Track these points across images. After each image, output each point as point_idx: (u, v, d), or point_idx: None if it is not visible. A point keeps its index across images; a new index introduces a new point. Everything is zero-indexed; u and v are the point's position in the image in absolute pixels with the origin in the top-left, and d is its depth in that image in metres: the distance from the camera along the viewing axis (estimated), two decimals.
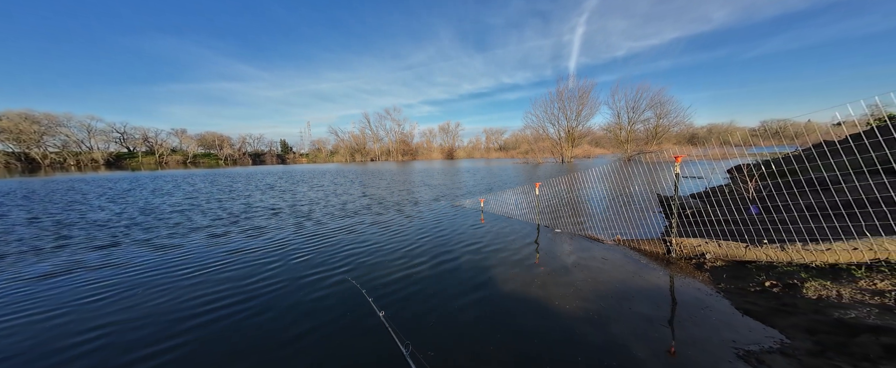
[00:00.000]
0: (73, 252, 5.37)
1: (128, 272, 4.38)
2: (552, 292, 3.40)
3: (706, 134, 56.72)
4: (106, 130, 67.55)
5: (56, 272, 4.39)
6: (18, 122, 54.34)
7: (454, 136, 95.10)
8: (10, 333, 2.86)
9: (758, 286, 3.18)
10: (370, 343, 2.56)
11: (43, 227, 7.39)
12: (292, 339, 2.64)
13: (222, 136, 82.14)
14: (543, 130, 44.99)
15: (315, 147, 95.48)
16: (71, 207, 10.36)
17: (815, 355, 2.14)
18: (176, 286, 3.85)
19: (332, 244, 5.57)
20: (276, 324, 2.89)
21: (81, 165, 59.06)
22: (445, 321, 2.88)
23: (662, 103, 40.35)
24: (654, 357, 2.27)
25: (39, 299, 3.57)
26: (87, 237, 6.44)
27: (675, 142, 42.49)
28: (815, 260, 3.33)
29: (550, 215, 7.16)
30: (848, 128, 8.19)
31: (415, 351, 2.13)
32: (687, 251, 4.20)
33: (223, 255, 5.03)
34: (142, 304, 3.38)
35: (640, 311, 2.92)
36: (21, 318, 3.12)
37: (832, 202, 4.20)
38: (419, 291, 3.54)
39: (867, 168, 3.65)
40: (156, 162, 68.51)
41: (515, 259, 4.50)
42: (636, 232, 5.49)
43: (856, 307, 2.54)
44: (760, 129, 34.77)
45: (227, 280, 3.97)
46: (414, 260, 4.58)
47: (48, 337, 2.78)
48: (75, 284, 3.98)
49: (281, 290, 3.65)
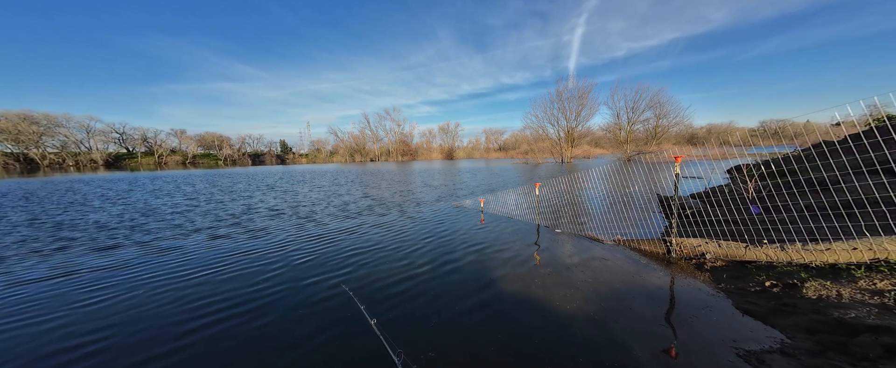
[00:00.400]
0: (72, 255, 5.36)
1: (127, 274, 4.38)
2: (553, 292, 3.40)
3: (706, 134, 56.79)
4: (105, 130, 67.54)
5: (53, 276, 4.38)
6: (17, 122, 54.24)
7: (454, 136, 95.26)
8: (8, 337, 2.86)
9: (758, 286, 3.19)
10: (368, 349, 2.51)
11: (42, 229, 7.38)
12: (290, 345, 2.61)
13: (222, 136, 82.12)
14: (543, 130, 45.05)
15: (314, 148, 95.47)
16: (71, 208, 10.35)
17: (815, 355, 2.14)
18: (176, 288, 3.85)
19: (334, 245, 5.57)
20: (273, 329, 2.87)
21: (80, 165, 58.97)
22: (447, 322, 2.89)
23: (662, 104, 40.44)
24: (654, 357, 2.27)
25: (37, 301, 3.56)
26: (90, 238, 6.43)
27: (675, 142, 42.55)
28: (815, 260, 3.34)
29: (551, 216, 7.16)
30: (847, 128, 8.22)
31: (407, 360, 2.12)
32: (687, 251, 4.21)
33: (222, 257, 5.03)
34: (142, 307, 3.38)
35: (640, 311, 2.92)
36: (19, 322, 3.12)
37: (832, 202, 4.21)
38: (421, 293, 3.54)
39: (866, 168, 3.66)
40: (155, 163, 68.44)
41: (516, 260, 4.50)
42: (636, 232, 5.50)
43: (856, 306, 2.55)
44: (760, 129, 34.79)
45: (228, 282, 3.97)
46: (415, 262, 4.58)
47: (47, 340, 2.78)
48: (74, 286, 3.97)
49: (280, 293, 3.65)
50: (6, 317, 3.17)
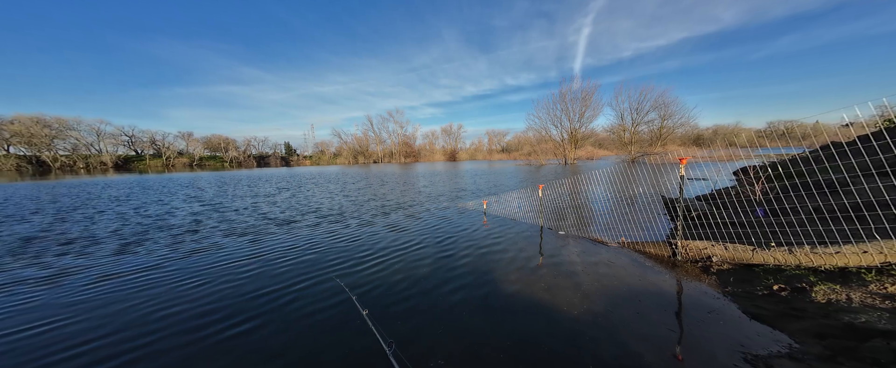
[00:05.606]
0: (93, 257, 5.45)
1: (159, 276, 4.44)
2: (557, 295, 3.38)
3: (712, 135, 56.13)
4: (115, 133, 68.54)
5: (49, 278, 4.46)
6: (30, 125, 55.40)
7: (456, 138, 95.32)
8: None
9: (765, 290, 3.14)
10: (363, 341, 2.59)
11: (73, 234, 7.51)
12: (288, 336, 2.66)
13: (227, 139, 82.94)
14: (546, 131, 44.81)
15: (318, 149, 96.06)
16: (93, 211, 10.50)
17: (824, 360, 2.11)
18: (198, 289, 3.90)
19: (334, 245, 5.60)
20: (276, 318, 2.91)
21: (90, 167, 59.94)
22: (449, 324, 2.88)
23: (666, 105, 40.06)
24: (660, 361, 2.25)
25: (36, 305, 3.63)
26: (119, 236, 6.53)
27: (680, 143, 42.09)
28: (824, 263, 3.29)
29: (554, 218, 7.13)
30: (856, 130, 8.08)
31: (397, 351, 2.15)
32: (693, 254, 4.17)
33: (228, 259, 5.08)
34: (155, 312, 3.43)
35: (646, 315, 2.89)
36: (14, 333, 3.18)
37: (841, 205, 4.14)
38: (420, 292, 3.54)
39: (876, 170, 3.60)
40: (163, 165, 69.36)
41: (519, 262, 4.48)
42: (641, 235, 5.45)
43: (866, 311, 2.50)
44: (767, 130, 34.35)
45: (250, 282, 4.01)
46: (415, 262, 4.58)
47: (47, 343, 2.83)
48: (111, 291, 4.03)
49: (286, 290, 3.68)
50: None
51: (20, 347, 2.69)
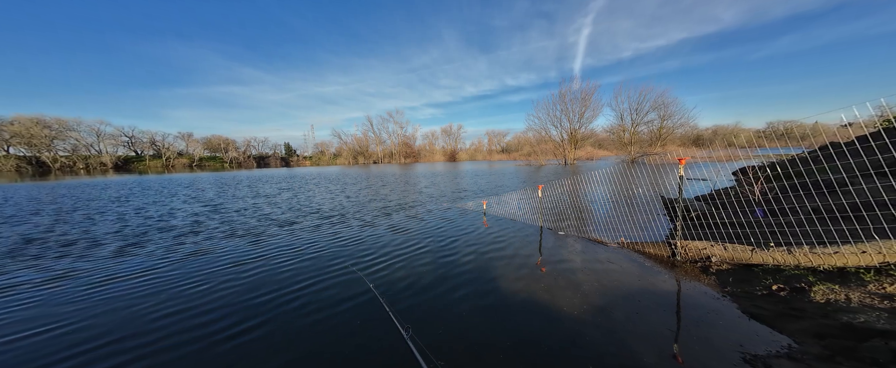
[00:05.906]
0: (89, 258, 5.45)
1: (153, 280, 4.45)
2: (556, 295, 3.40)
3: (711, 135, 56.17)
4: (115, 134, 68.51)
5: (50, 280, 4.46)
6: (30, 126, 55.38)
7: (456, 138, 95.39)
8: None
9: (765, 290, 3.16)
10: (379, 332, 2.68)
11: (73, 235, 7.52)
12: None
13: (227, 139, 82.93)
14: (546, 132, 44.83)
15: (318, 150, 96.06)
16: (97, 213, 10.52)
17: (823, 360, 2.12)
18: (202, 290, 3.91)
19: (333, 245, 5.61)
20: (294, 304, 2.95)
21: (90, 168, 59.91)
22: (450, 325, 2.89)
23: (666, 105, 40.09)
24: (660, 361, 2.26)
25: (40, 307, 3.63)
26: (124, 236, 6.53)
27: (680, 144, 42.12)
28: (823, 264, 3.30)
29: (553, 218, 7.14)
30: (855, 130, 8.11)
31: (415, 336, 2.33)
32: (692, 254, 4.18)
33: (234, 260, 5.09)
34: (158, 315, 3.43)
35: (645, 315, 2.90)
36: (13, 336, 3.17)
37: (840, 205, 4.15)
38: (423, 295, 3.55)
39: (875, 170, 3.62)
40: (162, 165, 69.34)
41: (519, 262, 4.49)
42: (640, 235, 5.46)
43: (865, 311, 2.51)
44: (766, 130, 34.40)
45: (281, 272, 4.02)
46: (415, 263, 4.59)
47: (48, 346, 2.83)
48: (112, 293, 4.04)
49: (296, 284, 3.70)
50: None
51: (20, 350, 2.69)
